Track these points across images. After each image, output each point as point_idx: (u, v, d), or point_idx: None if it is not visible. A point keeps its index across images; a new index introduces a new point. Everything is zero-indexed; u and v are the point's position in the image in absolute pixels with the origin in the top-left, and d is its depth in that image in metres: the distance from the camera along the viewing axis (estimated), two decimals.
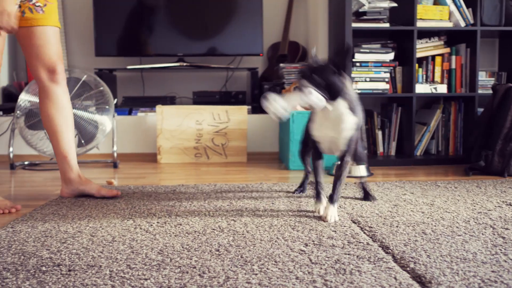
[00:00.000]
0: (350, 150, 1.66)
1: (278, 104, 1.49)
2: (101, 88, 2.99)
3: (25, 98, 2.90)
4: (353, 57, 2.99)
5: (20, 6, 1.86)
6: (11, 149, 3.03)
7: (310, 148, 1.97)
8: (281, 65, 3.56)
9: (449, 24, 3.06)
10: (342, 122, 1.61)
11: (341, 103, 1.58)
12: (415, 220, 1.60)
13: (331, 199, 1.66)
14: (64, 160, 2.04)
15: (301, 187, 2.10)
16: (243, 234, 1.44)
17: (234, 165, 3.08)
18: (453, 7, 3.06)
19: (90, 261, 1.21)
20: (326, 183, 1.99)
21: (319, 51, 3.49)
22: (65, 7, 3.85)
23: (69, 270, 1.15)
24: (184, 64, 3.63)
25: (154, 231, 1.48)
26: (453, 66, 3.14)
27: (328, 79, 1.53)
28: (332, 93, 1.54)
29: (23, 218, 1.66)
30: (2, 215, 1.78)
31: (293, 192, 2.09)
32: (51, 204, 1.90)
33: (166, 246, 1.33)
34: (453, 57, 3.14)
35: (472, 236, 1.42)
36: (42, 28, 1.92)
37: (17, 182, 2.56)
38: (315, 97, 1.50)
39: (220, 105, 3.30)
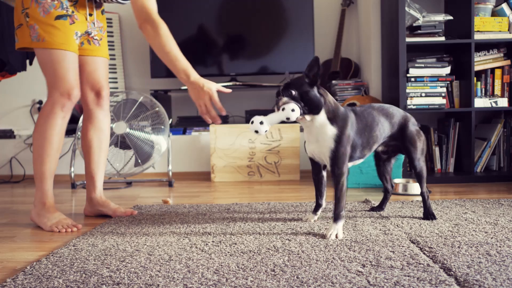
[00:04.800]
0: (338, 163, 1.65)
1: (258, 123, 1.59)
2: (157, 108, 3.07)
3: None
4: (407, 72, 2.94)
5: (80, 37, 2.00)
6: (72, 169, 3.15)
7: (383, 163, 1.96)
8: (334, 82, 3.54)
9: (509, 36, 2.96)
10: (322, 134, 1.65)
11: (320, 115, 1.64)
12: (478, 241, 1.53)
13: (333, 217, 1.66)
14: (91, 180, 2.15)
15: (380, 206, 2.06)
16: (298, 254, 1.43)
17: (287, 183, 3.07)
18: None
19: (148, 280, 1.23)
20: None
21: (372, 67, 3.44)
22: (123, 32, 4.00)
23: None
24: (237, 83, 3.68)
25: (209, 250, 1.49)
26: None
27: (303, 91, 1.61)
28: (310, 105, 1.62)
29: (83, 236, 1.71)
30: (64, 233, 1.85)
31: (369, 210, 2.06)
32: (110, 222, 1.95)
33: (221, 265, 1.33)
34: None
35: None
36: (95, 58, 2.09)
37: (78, 201, 2.66)
38: (289, 110, 1.58)
39: None
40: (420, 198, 2.37)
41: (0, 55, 3.06)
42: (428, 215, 1.87)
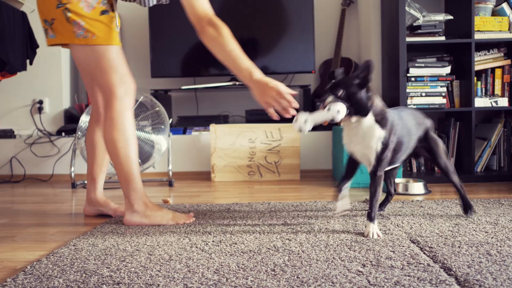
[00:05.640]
0: (381, 165, 1.64)
1: (302, 122, 1.54)
2: (157, 108, 3.06)
3: (86, 120, 3.01)
4: (407, 72, 2.94)
5: None
6: (72, 168, 3.15)
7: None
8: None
9: (509, 35, 2.96)
10: (369, 136, 1.61)
11: (368, 117, 1.60)
12: (478, 240, 1.53)
13: (368, 216, 1.64)
14: (92, 181, 2.14)
15: (380, 207, 2.05)
16: (298, 253, 1.43)
17: (287, 183, 3.07)
18: None
19: (148, 279, 1.23)
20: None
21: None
22: (123, 31, 4.00)
23: None
24: (237, 83, 3.68)
25: (209, 250, 1.49)
26: None
27: (351, 92, 1.55)
28: (357, 106, 1.56)
29: (84, 236, 1.71)
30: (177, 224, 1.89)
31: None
32: (110, 222, 1.95)
33: (221, 265, 1.33)
34: None
35: None
36: None
37: (78, 201, 2.66)
38: (334, 110, 1.52)
39: (273, 123, 3.31)
40: (420, 198, 2.38)
41: (0, 55, 3.06)
42: (467, 207, 1.88)
